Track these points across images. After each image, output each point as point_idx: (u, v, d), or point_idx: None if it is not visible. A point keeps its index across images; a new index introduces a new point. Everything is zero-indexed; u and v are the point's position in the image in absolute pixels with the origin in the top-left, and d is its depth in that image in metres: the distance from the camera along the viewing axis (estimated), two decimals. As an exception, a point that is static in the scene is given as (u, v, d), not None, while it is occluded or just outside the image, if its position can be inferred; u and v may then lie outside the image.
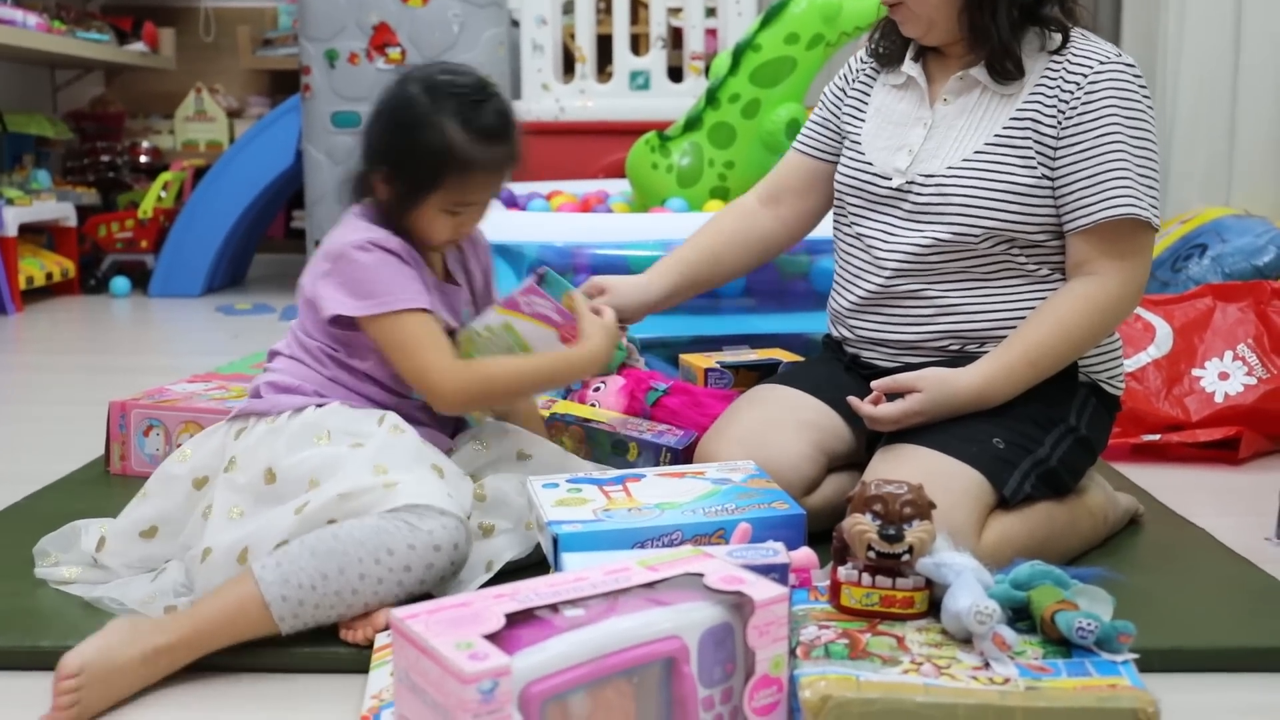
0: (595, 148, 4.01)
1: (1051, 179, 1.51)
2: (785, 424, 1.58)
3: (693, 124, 3.01)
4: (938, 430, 1.47)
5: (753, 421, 1.59)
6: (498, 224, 2.69)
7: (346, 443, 1.38)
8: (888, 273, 1.57)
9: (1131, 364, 2.15)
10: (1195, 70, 3.40)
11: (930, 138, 1.57)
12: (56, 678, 1.15)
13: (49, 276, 4.11)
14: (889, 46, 1.65)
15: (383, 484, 1.32)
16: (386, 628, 1.24)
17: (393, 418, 1.42)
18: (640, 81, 4.11)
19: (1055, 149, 1.50)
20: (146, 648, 1.20)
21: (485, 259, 1.64)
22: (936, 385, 1.48)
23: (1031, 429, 1.50)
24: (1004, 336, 1.52)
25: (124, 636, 1.20)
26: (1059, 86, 1.50)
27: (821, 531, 1.41)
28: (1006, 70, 1.52)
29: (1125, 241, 1.49)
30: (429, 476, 1.36)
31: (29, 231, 4.14)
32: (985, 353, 1.53)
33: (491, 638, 0.95)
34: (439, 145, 1.42)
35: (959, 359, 1.54)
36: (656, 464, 1.72)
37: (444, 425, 1.53)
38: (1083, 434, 1.54)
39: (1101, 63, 1.50)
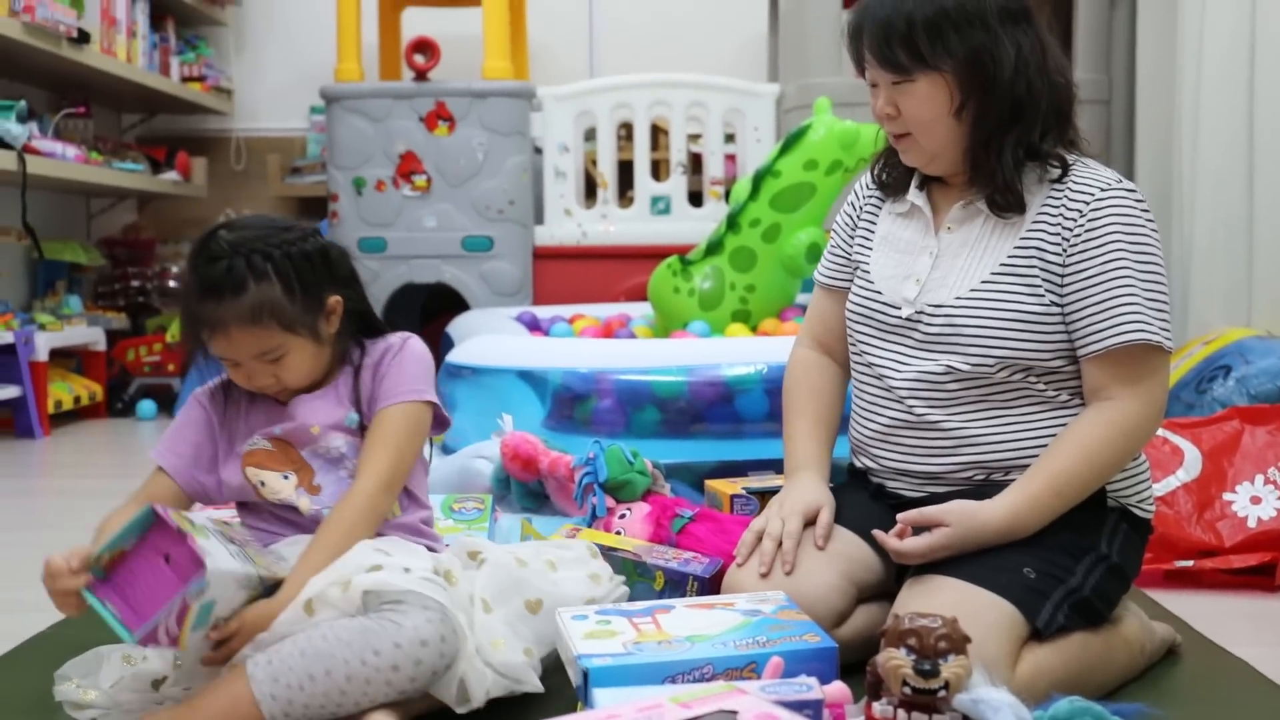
0: (617, 271, 4.06)
1: (1061, 305, 1.51)
2: (814, 555, 1.56)
3: (714, 248, 3.05)
4: (968, 561, 1.46)
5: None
6: (520, 350, 2.73)
7: None
8: (903, 402, 1.57)
9: (1161, 488, 2.13)
10: (1211, 195, 3.43)
11: (937, 266, 1.58)
12: None
13: (77, 400, 4.14)
14: (893, 175, 1.66)
15: (366, 566, 1.35)
16: None
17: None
18: (661, 206, 4.17)
19: (1062, 276, 1.51)
20: None
21: (380, 393, 1.52)
22: (963, 519, 1.46)
23: (1063, 558, 1.48)
24: (1028, 464, 1.51)
25: None
26: (1061, 214, 1.51)
27: (851, 664, 1.39)
28: (1008, 204, 1.53)
29: (1139, 366, 1.49)
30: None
31: (59, 356, 4.19)
32: (1010, 481, 1.51)
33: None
34: (182, 298, 1.49)
35: (985, 488, 1.52)
36: (683, 594, 1.70)
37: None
38: (1115, 561, 1.52)
39: (1103, 189, 1.51)
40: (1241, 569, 2.04)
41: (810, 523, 1.58)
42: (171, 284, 4.87)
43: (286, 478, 1.49)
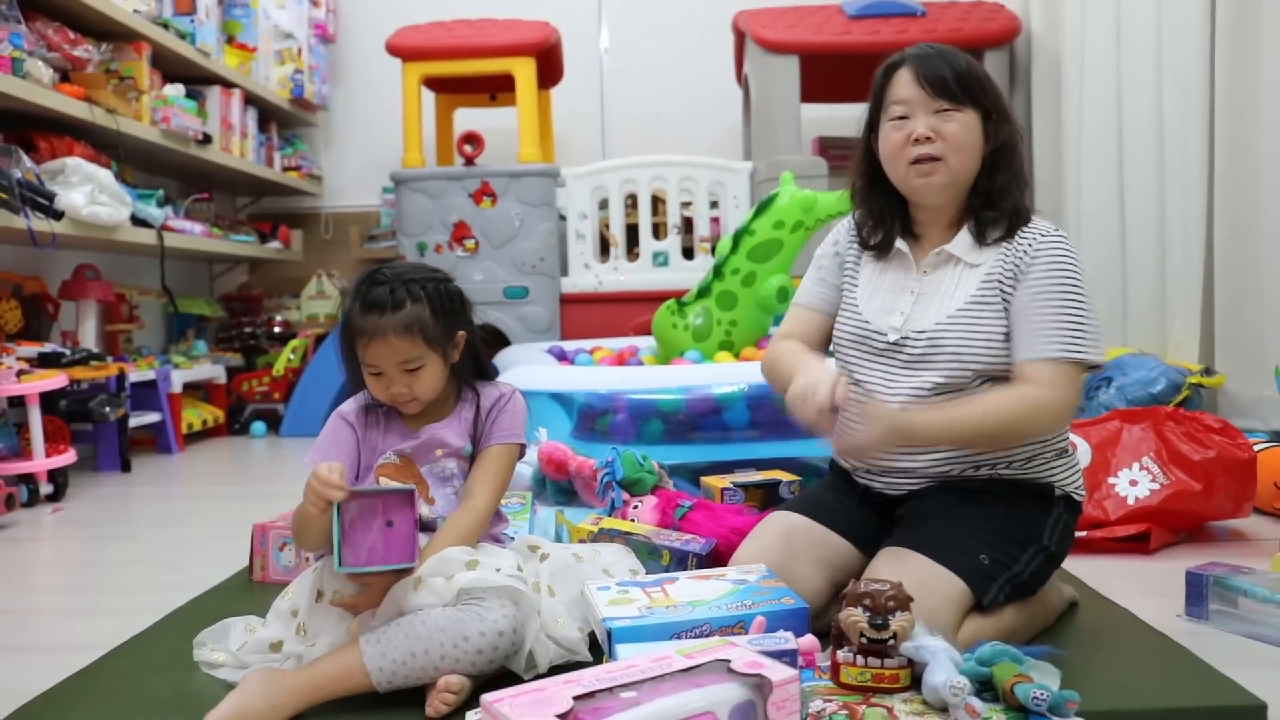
0: (627, 312, 4.07)
1: (1008, 321, 1.49)
2: (806, 560, 1.52)
3: (703, 292, 3.06)
4: (936, 542, 1.43)
5: (779, 556, 1.51)
6: (551, 377, 2.73)
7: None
8: None
9: (1060, 475, 2.13)
10: (1092, 242, 3.46)
11: (918, 301, 1.55)
12: None
13: (204, 423, 4.15)
14: (881, 238, 1.61)
15: (465, 562, 1.35)
16: (449, 690, 1.28)
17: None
18: (661, 260, 4.18)
19: (1014, 298, 1.49)
20: (274, 698, 1.25)
21: (494, 431, 1.52)
22: (888, 416, 1.43)
23: (1013, 548, 1.46)
24: (986, 455, 1.49)
25: (256, 689, 1.25)
26: (1014, 252, 1.50)
27: (824, 629, 1.38)
28: (992, 221, 1.51)
29: (1057, 372, 1.45)
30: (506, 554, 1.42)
31: (190, 388, 4.21)
32: (977, 475, 1.50)
33: (563, 716, 0.94)
34: (343, 317, 1.47)
35: (955, 481, 1.49)
36: (685, 568, 1.70)
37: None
38: (1052, 551, 1.50)
39: (1043, 235, 1.50)
40: (1123, 537, 2.05)
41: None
42: (276, 330, 4.89)
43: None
